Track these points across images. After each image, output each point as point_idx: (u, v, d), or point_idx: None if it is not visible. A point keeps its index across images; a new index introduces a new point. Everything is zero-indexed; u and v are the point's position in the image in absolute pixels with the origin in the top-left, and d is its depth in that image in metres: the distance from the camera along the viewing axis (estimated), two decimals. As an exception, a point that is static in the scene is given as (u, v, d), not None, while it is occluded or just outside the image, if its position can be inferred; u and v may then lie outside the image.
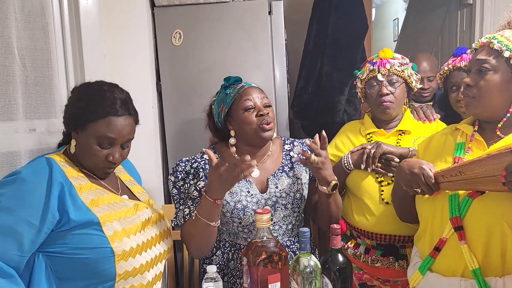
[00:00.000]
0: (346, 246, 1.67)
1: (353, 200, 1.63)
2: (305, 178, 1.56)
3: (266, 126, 1.45)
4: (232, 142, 1.53)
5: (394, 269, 1.56)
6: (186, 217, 1.43)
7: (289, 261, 1.28)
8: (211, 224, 1.32)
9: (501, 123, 1.19)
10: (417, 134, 1.62)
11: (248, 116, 1.46)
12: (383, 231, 1.55)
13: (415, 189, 1.21)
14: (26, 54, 1.43)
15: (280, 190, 1.50)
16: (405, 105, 1.70)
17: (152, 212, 1.33)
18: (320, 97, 2.15)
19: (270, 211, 1.43)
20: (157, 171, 2.10)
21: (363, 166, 1.54)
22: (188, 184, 1.49)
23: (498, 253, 1.10)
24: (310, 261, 1.17)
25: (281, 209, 1.48)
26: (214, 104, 1.56)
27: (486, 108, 1.19)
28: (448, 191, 1.19)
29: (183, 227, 1.44)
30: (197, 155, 1.54)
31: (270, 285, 1.17)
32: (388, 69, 1.59)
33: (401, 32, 3.79)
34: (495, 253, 1.11)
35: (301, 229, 1.18)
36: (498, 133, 1.20)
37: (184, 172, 1.51)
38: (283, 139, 1.65)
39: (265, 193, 1.49)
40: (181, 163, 1.52)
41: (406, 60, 1.65)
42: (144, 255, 1.21)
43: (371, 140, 1.64)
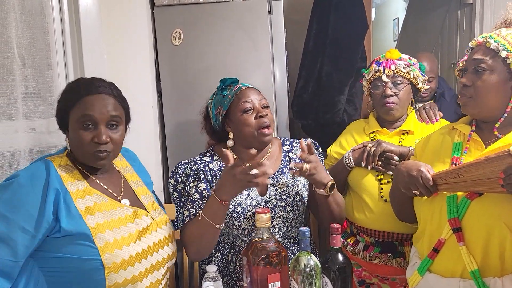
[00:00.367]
0: (346, 243, 1.68)
1: (353, 197, 1.65)
2: (304, 179, 1.55)
3: (265, 130, 1.44)
4: (230, 144, 1.51)
5: (392, 266, 1.57)
6: (186, 219, 1.42)
7: (289, 261, 1.28)
8: (216, 225, 1.31)
9: (499, 123, 1.19)
10: (420, 134, 1.62)
11: (247, 118, 1.45)
12: (381, 228, 1.56)
13: (413, 191, 1.21)
14: (26, 54, 1.43)
15: (280, 193, 1.49)
16: (411, 105, 1.70)
17: (153, 219, 1.29)
18: (320, 97, 2.15)
19: (270, 213, 1.44)
20: (157, 170, 2.10)
21: (363, 164, 1.55)
22: (188, 187, 1.48)
23: (497, 254, 1.10)
24: (310, 260, 1.17)
25: (281, 211, 1.47)
26: (211, 106, 1.55)
27: (483, 108, 1.19)
28: (446, 192, 1.19)
29: (184, 228, 1.43)
30: (196, 157, 1.53)
31: (270, 285, 1.16)
32: (393, 71, 1.60)
33: (401, 32, 3.80)
34: (493, 254, 1.10)
35: (301, 228, 1.18)
36: (496, 133, 1.20)
37: (184, 174, 1.49)
38: (282, 139, 1.64)
39: (264, 196, 1.48)
40: (180, 166, 1.51)
41: (414, 61, 1.65)
42: (138, 266, 1.18)
43: (374, 138, 1.65)
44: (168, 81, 2.11)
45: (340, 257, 1.19)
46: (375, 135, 1.67)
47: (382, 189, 1.56)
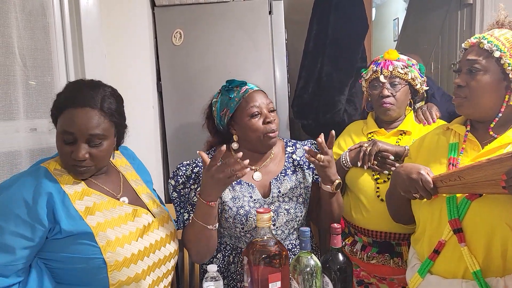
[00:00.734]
0: (344, 243, 1.69)
1: (351, 198, 1.65)
2: (308, 181, 1.55)
3: (271, 134, 1.44)
4: (235, 147, 1.51)
5: (389, 266, 1.58)
6: (186, 221, 1.43)
7: (289, 261, 1.28)
8: (208, 227, 1.31)
9: (494, 123, 1.19)
10: (417, 135, 1.63)
11: (254, 123, 1.44)
12: (378, 228, 1.57)
13: (413, 194, 1.21)
14: (26, 54, 1.43)
15: (283, 195, 1.49)
16: (410, 106, 1.70)
17: (155, 216, 1.29)
18: (320, 97, 2.15)
19: (273, 216, 1.44)
20: (157, 170, 2.10)
21: (359, 164, 1.55)
22: (189, 189, 1.48)
23: (499, 254, 1.10)
24: (311, 260, 1.17)
25: (284, 214, 1.46)
26: (215, 106, 1.53)
27: (478, 108, 1.19)
28: (445, 194, 1.19)
29: (183, 232, 1.43)
30: (198, 159, 1.52)
31: (270, 285, 1.16)
32: (390, 71, 1.60)
33: (401, 32, 3.80)
34: (495, 254, 1.10)
35: (301, 228, 1.18)
36: (491, 133, 1.20)
37: (185, 176, 1.49)
38: (285, 141, 1.63)
39: (267, 198, 1.48)
40: (182, 167, 1.50)
41: (413, 62, 1.65)
42: (140, 264, 1.18)
43: (372, 138, 1.65)
44: (169, 81, 2.11)
45: (341, 257, 1.20)
46: (372, 136, 1.67)
47: (378, 188, 1.56)
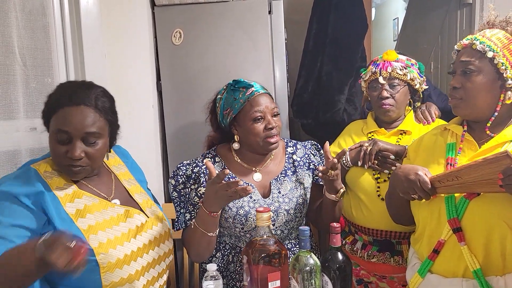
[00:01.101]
0: (344, 242, 1.69)
1: (351, 197, 1.65)
2: (308, 182, 1.55)
3: (271, 140, 1.44)
4: (236, 147, 1.51)
5: (389, 264, 1.58)
6: (188, 222, 1.44)
7: (289, 260, 1.28)
8: (208, 234, 1.33)
9: (490, 122, 1.20)
10: (417, 134, 1.63)
11: (256, 128, 1.43)
12: (379, 227, 1.57)
13: (412, 195, 1.21)
14: (26, 53, 1.44)
15: (283, 195, 1.49)
16: (409, 105, 1.70)
17: (148, 216, 1.29)
18: (319, 96, 2.15)
19: (273, 217, 1.44)
20: (157, 170, 2.11)
21: (360, 163, 1.55)
22: (189, 189, 1.48)
23: (498, 252, 1.11)
24: (310, 259, 1.17)
25: (284, 214, 1.46)
26: (220, 102, 1.51)
27: (474, 109, 1.20)
28: (444, 194, 1.19)
29: (184, 232, 1.44)
30: (198, 159, 1.52)
31: (270, 283, 1.17)
32: (389, 73, 1.60)
33: (401, 32, 3.80)
34: (495, 252, 1.11)
35: (300, 227, 1.18)
36: (488, 132, 1.21)
37: (185, 176, 1.49)
38: (285, 141, 1.63)
39: (267, 198, 1.48)
40: (182, 167, 1.50)
41: (412, 62, 1.65)
42: (134, 265, 1.18)
43: (372, 138, 1.65)
44: (169, 80, 2.12)
45: (340, 256, 1.20)
46: (372, 135, 1.68)
47: (379, 187, 1.57)
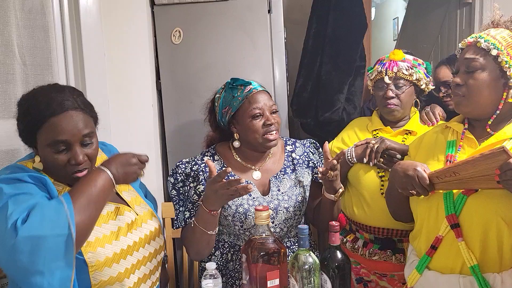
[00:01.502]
0: (345, 240, 1.69)
1: (353, 194, 1.65)
2: (307, 180, 1.56)
3: (270, 136, 1.45)
4: (237, 145, 1.51)
5: (391, 262, 1.58)
6: (187, 220, 1.44)
7: (288, 258, 1.29)
8: (208, 232, 1.33)
9: (491, 120, 1.20)
10: None
11: (254, 124, 1.44)
12: (381, 225, 1.57)
13: (410, 191, 1.21)
14: (26, 52, 1.44)
15: (282, 193, 1.49)
16: (415, 106, 1.70)
17: (138, 214, 1.28)
18: (319, 96, 2.15)
19: (272, 214, 1.44)
20: (157, 169, 2.11)
21: (365, 160, 1.56)
22: (188, 187, 1.49)
23: (495, 248, 1.11)
24: (309, 258, 1.17)
25: (283, 212, 1.47)
26: (218, 101, 1.52)
27: (476, 106, 1.20)
28: (442, 190, 1.20)
29: (183, 231, 1.44)
30: (197, 157, 1.53)
31: (269, 282, 1.17)
32: (395, 73, 1.60)
33: (401, 31, 3.80)
34: (492, 249, 1.12)
35: (300, 226, 1.18)
36: (488, 130, 1.21)
37: (184, 174, 1.49)
38: (284, 139, 1.63)
39: (267, 196, 1.48)
40: (181, 165, 1.50)
41: (419, 62, 1.65)
42: (123, 263, 1.16)
43: (377, 136, 1.66)
44: (168, 79, 2.12)
45: (339, 254, 1.20)
46: (377, 133, 1.68)
47: (383, 186, 1.56)
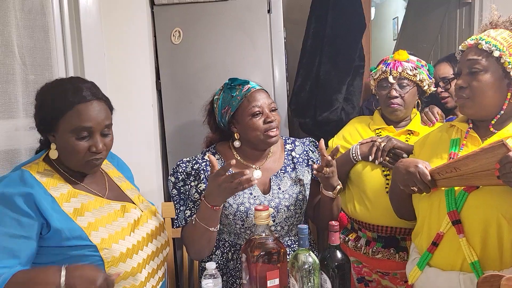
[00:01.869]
0: (347, 238, 1.69)
1: (354, 192, 1.65)
2: (307, 178, 1.56)
3: (271, 133, 1.45)
4: (237, 145, 1.51)
5: (394, 260, 1.58)
6: (188, 219, 1.43)
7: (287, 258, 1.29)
8: (210, 229, 1.32)
9: (495, 120, 1.21)
10: None
11: (255, 122, 1.44)
12: (385, 223, 1.57)
13: (411, 187, 1.22)
14: (26, 53, 1.44)
15: (283, 192, 1.49)
16: (417, 107, 1.70)
17: (142, 211, 1.31)
18: (317, 95, 2.15)
19: (273, 213, 1.44)
20: (157, 169, 2.11)
21: (371, 158, 1.56)
22: (189, 186, 1.49)
23: (495, 245, 1.12)
24: (309, 257, 1.17)
25: (284, 210, 1.47)
26: (217, 102, 1.52)
27: (480, 108, 1.21)
28: (444, 188, 1.20)
29: (183, 229, 1.44)
30: (197, 156, 1.53)
31: (268, 282, 1.17)
32: (399, 72, 1.61)
33: (401, 31, 3.80)
34: (492, 245, 1.12)
35: (299, 226, 1.18)
36: (492, 129, 1.22)
37: (185, 173, 1.49)
38: (284, 138, 1.64)
39: (267, 194, 1.48)
40: (181, 164, 1.51)
41: (422, 63, 1.66)
42: (135, 258, 1.20)
43: (380, 134, 1.66)
44: (168, 79, 2.12)
45: (339, 254, 1.20)
46: (380, 132, 1.68)
47: (388, 184, 1.56)
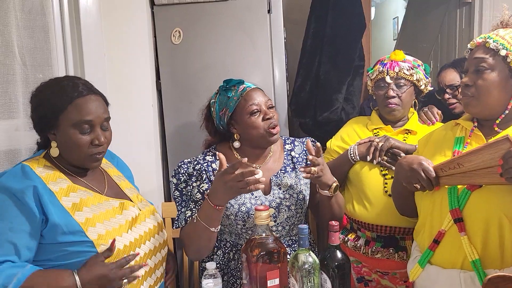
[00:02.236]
0: (346, 239, 1.69)
1: (353, 193, 1.65)
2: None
3: (273, 130, 1.45)
4: (237, 145, 1.51)
5: (394, 260, 1.58)
6: (188, 219, 1.43)
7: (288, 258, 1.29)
8: (211, 229, 1.32)
9: (499, 119, 1.21)
10: (423, 135, 1.63)
11: (254, 121, 1.45)
12: (384, 223, 1.57)
13: (414, 184, 1.22)
14: (26, 53, 1.44)
15: (284, 192, 1.49)
16: (413, 106, 1.71)
17: (140, 209, 1.31)
18: (317, 95, 2.15)
19: (274, 213, 1.44)
20: (157, 169, 2.11)
21: (369, 158, 1.56)
22: (191, 187, 1.48)
23: (497, 244, 1.12)
24: (309, 257, 1.17)
25: (285, 210, 1.47)
26: (214, 106, 1.53)
27: (485, 107, 1.21)
28: (447, 185, 1.20)
29: (183, 228, 1.43)
30: (199, 157, 1.53)
31: (269, 281, 1.17)
32: (396, 72, 1.62)
33: (401, 31, 3.80)
34: (493, 244, 1.13)
35: (299, 226, 1.18)
36: (496, 128, 1.22)
37: (187, 174, 1.49)
38: (283, 138, 1.64)
39: (268, 195, 1.48)
40: (183, 165, 1.51)
41: (419, 63, 1.66)
42: None
43: (378, 134, 1.66)
44: (168, 79, 2.12)
45: (339, 254, 1.20)
46: (378, 132, 1.68)
47: (386, 184, 1.57)
